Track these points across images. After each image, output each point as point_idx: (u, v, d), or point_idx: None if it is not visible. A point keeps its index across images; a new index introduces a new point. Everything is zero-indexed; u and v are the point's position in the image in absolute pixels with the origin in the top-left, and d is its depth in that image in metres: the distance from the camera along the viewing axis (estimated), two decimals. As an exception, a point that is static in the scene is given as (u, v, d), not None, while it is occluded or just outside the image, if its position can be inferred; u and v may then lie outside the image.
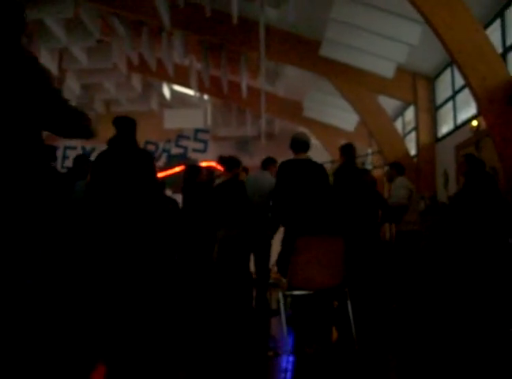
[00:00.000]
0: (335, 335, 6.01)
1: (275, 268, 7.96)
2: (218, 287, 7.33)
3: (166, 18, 10.50)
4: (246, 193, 7.37)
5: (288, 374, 4.28)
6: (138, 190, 5.17)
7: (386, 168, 8.73)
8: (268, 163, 7.80)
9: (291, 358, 4.83)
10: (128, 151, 5.29)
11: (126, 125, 5.37)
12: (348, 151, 7.10)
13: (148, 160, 5.40)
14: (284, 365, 4.63)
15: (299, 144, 6.29)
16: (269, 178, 7.42)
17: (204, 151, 16.36)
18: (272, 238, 7.58)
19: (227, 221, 7.35)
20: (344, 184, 6.86)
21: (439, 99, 11.51)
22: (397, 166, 8.53)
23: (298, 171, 6.12)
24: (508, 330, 5.63)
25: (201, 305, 7.29)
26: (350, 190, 6.80)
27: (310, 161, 6.28)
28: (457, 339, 5.60)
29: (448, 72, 10.80)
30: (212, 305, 7.26)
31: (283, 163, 6.27)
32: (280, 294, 5.36)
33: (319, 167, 6.29)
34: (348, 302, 5.09)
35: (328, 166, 7.73)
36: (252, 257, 7.61)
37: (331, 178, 6.81)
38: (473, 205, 6.74)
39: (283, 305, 5.28)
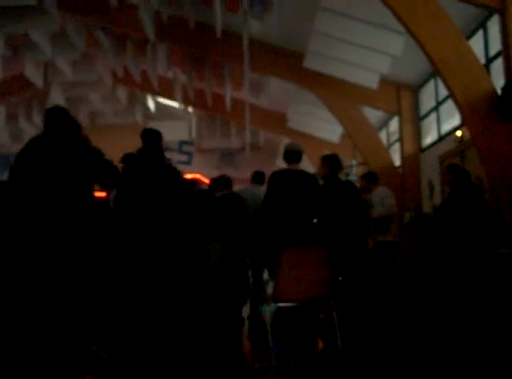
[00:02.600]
0: (321, 346, 5.98)
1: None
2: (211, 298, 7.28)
3: (150, 31, 10.52)
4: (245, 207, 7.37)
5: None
6: (166, 202, 5.23)
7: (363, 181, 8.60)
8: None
9: (276, 370, 4.80)
10: (154, 164, 5.38)
11: (152, 138, 5.44)
12: (332, 161, 6.95)
13: (173, 173, 5.49)
14: (269, 377, 4.60)
15: (292, 155, 6.17)
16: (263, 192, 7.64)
17: (188, 163, 16.34)
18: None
19: (224, 234, 7.33)
20: (330, 195, 6.78)
21: (423, 110, 11.56)
22: (369, 176, 8.40)
23: (290, 182, 6.03)
24: (498, 341, 5.62)
25: (192, 315, 7.23)
26: (337, 201, 6.73)
27: (303, 172, 6.20)
28: (443, 351, 5.60)
29: (431, 82, 10.86)
30: (200, 317, 7.21)
31: (275, 173, 6.15)
32: (265, 306, 5.33)
33: (312, 179, 6.24)
34: (334, 314, 5.07)
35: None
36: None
37: None
38: (459, 215, 6.75)
39: (268, 317, 5.25)
